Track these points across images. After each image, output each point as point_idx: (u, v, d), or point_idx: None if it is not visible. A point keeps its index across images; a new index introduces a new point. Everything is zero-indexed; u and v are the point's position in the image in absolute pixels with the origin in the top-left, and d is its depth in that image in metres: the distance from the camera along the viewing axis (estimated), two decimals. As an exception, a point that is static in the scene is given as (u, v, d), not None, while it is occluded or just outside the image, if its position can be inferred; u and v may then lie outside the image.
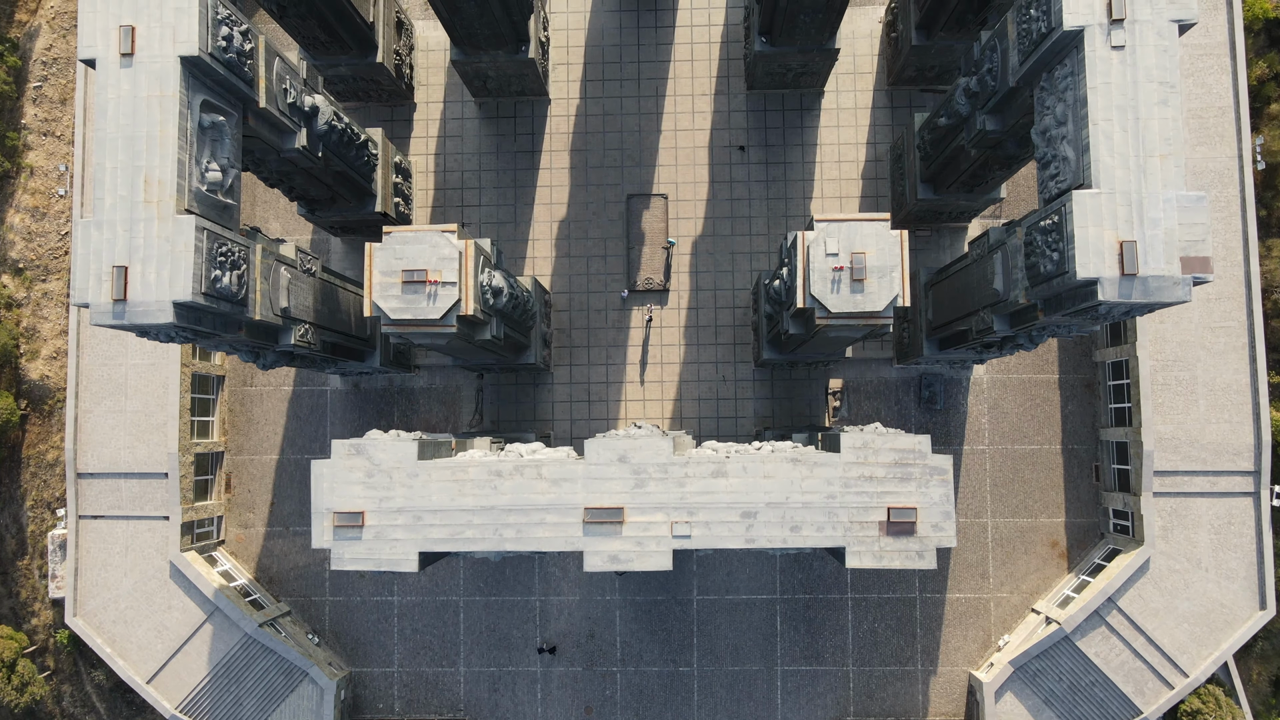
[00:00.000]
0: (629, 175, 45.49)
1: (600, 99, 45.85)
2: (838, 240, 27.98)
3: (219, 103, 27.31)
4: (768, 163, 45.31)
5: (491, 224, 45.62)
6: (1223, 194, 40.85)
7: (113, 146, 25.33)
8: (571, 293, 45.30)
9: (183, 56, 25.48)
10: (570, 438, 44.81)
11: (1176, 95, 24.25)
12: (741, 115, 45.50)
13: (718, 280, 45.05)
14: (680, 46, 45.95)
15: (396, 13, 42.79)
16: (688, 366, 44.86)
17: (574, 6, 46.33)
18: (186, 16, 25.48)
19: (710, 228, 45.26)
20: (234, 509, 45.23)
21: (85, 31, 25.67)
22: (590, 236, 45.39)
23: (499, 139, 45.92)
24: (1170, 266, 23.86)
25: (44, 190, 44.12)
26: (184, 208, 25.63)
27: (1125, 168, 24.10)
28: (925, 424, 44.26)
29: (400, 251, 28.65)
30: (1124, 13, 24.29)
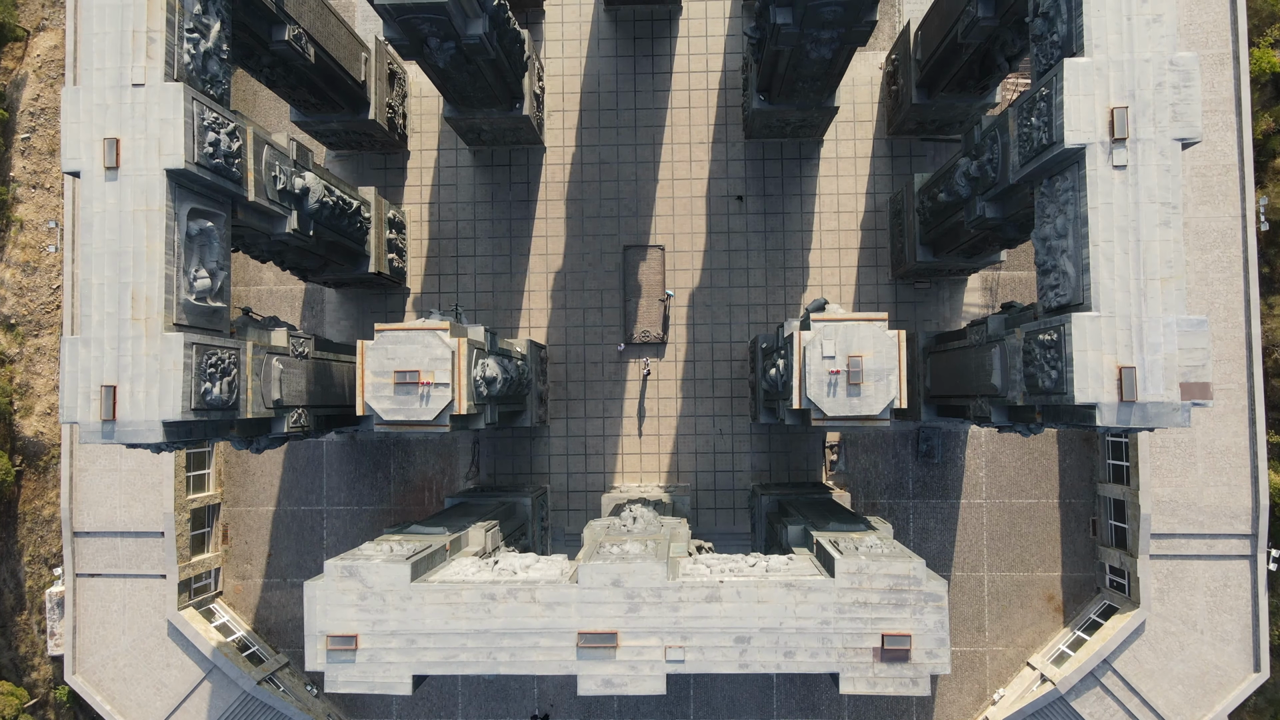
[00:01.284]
0: (625, 225, 45.01)
1: (596, 147, 45.25)
2: (834, 343, 27.69)
3: (207, 207, 26.89)
4: (766, 213, 44.82)
5: (487, 274, 45.22)
6: (1225, 254, 40.42)
7: (99, 262, 24.97)
8: (568, 345, 45.01)
9: (169, 169, 25.02)
10: (567, 491, 44.76)
11: (1178, 216, 23.85)
12: (739, 164, 44.93)
13: (715, 333, 44.74)
14: (678, 94, 45.27)
15: (389, 64, 42.10)
16: (685, 419, 44.68)
17: (569, 52, 45.59)
18: (172, 128, 25.00)
19: (708, 279, 44.85)
20: (231, 560, 45.29)
21: (69, 143, 25.21)
22: (587, 288, 45.00)
23: (494, 187, 45.40)
24: (1170, 393, 23.60)
25: (34, 244, 43.69)
26: (172, 323, 25.31)
27: (1126, 291, 23.75)
28: (922, 477, 44.19)
29: (393, 352, 28.37)
30: (1126, 132, 23.81)
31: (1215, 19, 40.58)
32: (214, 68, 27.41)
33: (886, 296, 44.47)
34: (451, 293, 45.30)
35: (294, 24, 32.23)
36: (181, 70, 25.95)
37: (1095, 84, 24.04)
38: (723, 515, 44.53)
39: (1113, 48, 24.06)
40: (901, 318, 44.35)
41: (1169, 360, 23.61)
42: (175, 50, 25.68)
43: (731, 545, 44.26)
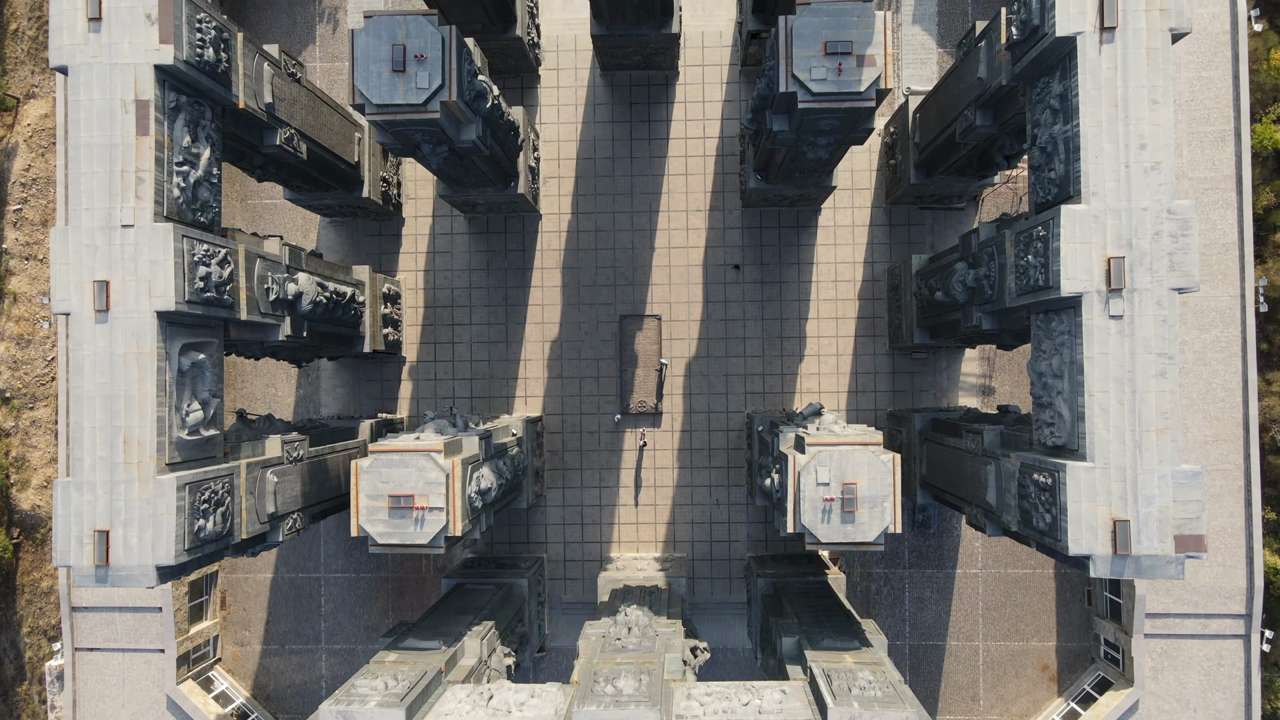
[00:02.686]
0: (622, 294, 44.80)
1: (593, 214, 44.96)
2: (829, 469, 27.63)
3: (199, 338, 26.75)
4: (763, 282, 44.60)
5: (483, 343, 45.08)
6: (1223, 334, 40.26)
7: (90, 405, 24.87)
8: (564, 414, 44.95)
9: (160, 311, 24.86)
10: (564, 560, 44.88)
11: (1175, 366, 23.72)
12: (737, 232, 44.66)
13: (712, 402, 44.66)
14: (674, 160, 44.91)
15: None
16: (681, 489, 44.71)
17: (565, 117, 45.18)
18: (162, 270, 24.82)
19: (704, 349, 44.71)
20: (230, 627, 45.48)
21: (58, 284, 25.03)
22: (583, 357, 44.88)
23: (489, 255, 45.15)
24: (1164, 545, 23.59)
25: (28, 317, 43.51)
26: (165, 464, 25.25)
27: (1121, 443, 23.67)
28: (919, 547, 44.29)
29: (387, 475, 28.32)
30: (1123, 282, 23.64)
31: (1217, 96, 40.18)
32: (204, 194, 27.19)
33: (884, 366, 44.35)
34: (448, 361, 45.20)
35: (286, 126, 31.92)
36: (171, 206, 25.73)
37: (1092, 232, 23.84)
38: (719, 585, 44.67)
39: (1110, 195, 23.83)
40: (899, 388, 44.28)
41: (1163, 513, 23.58)
42: (165, 187, 25.46)
43: (727, 615, 44.50)
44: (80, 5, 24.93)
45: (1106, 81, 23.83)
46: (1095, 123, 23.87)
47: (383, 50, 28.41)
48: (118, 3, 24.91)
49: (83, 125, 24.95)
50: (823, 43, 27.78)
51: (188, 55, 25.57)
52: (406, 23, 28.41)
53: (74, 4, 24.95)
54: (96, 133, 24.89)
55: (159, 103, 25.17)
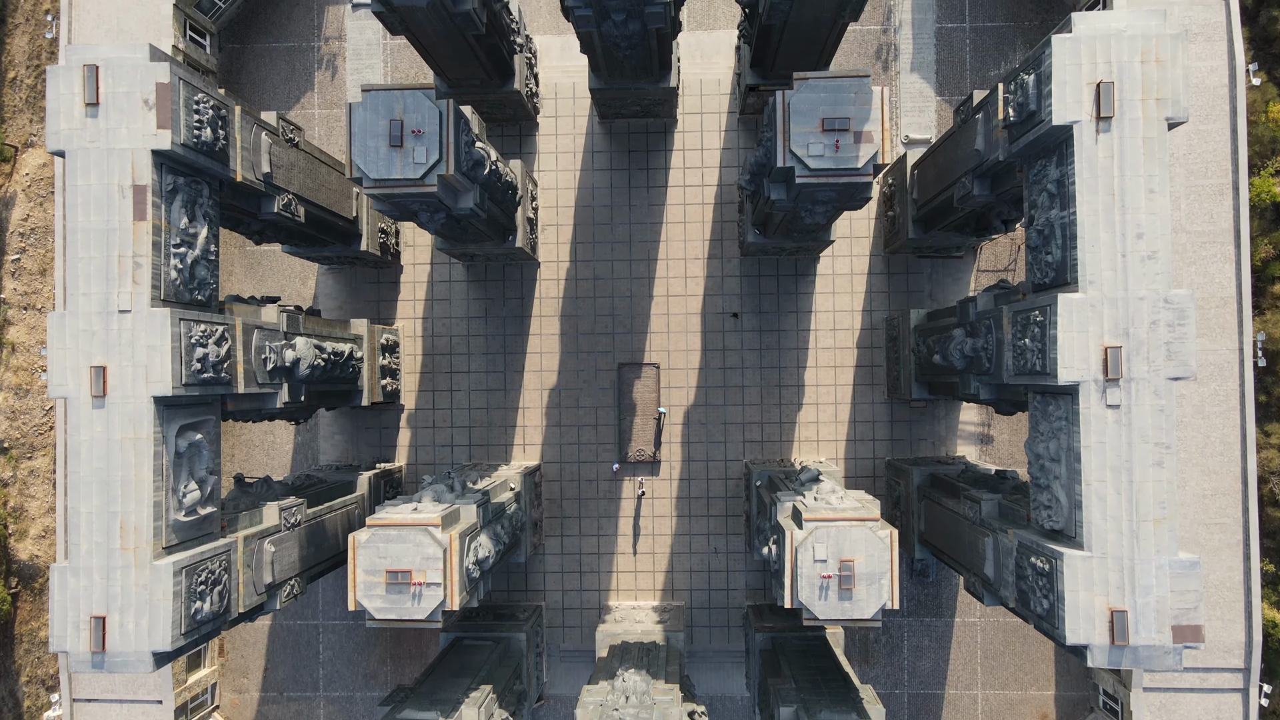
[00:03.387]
0: (620, 342, 44.79)
1: (591, 262, 44.95)
2: (826, 546, 27.61)
3: (196, 418, 26.74)
4: (761, 330, 44.58)
5: (481, 391, 45.05)
6: (1221, 388, 40.24)
7: (87, 490, 24.86)
8: (562, 462, 44.92)
9: (157, 397, 24.86)
10: (562, 608, 44.83)
11: (1172, 456, 23.72)
12: (735, 281, 44.65)
13: (710, 451, 44.64)
14: (673, 208, 44.92)
15: (381, 190, 41.65)
16: (679, 538, 44.67)
17: (564, 165, 45.19)
18: (159, 355, 24.81)
19: (703, 397, 44.70)
20: (228, 674, 45.44)
21: (55, 369, 25.03)
22: (581, 405, 44.86)
23: (487, 303, 45.14)
24: (1162, 636, 23.57)
25: (26, 367, 43.50)
26: (161, 548, 25.23)
27: (1118, 532, 23.66)
28: (917, 595, 44.25)
29: (384, 550, 28.29)
30: (1120, 371, 23.64)
31: (1215, 149, 40.20)
32: (202, 273, 27.19)
33: (882, 415, 44.33)
34: (446, 409, 45.18)
35: (284, 193, 31.94)
36: (169, 288, 25.74)
37: (1089, 321, 23.84)
38: (717, 633, 44.61)
39: (1107, 284, 23.84)
40: (897, 436, 44.26)
41: (1161, 603, 23.56)
42: (162, 270, 25.46)
43: (726, 663, 44.47)
44: (78, 90, 24.94)
45: (1103, 170, 23.84)
46: (1092, 211, 23.88)
47: (380, 125, 28.40)
48: (115, 88, 24.91)
49: (80, 210, 24.95)
50: (820, 119, 27.78)
51: (185, 138, 25.59)
52: (404, 97, 28.41)
53: (71, 89, 24.95)
54: (94, 217, 24.90)
55: (156, 187, 25.18)
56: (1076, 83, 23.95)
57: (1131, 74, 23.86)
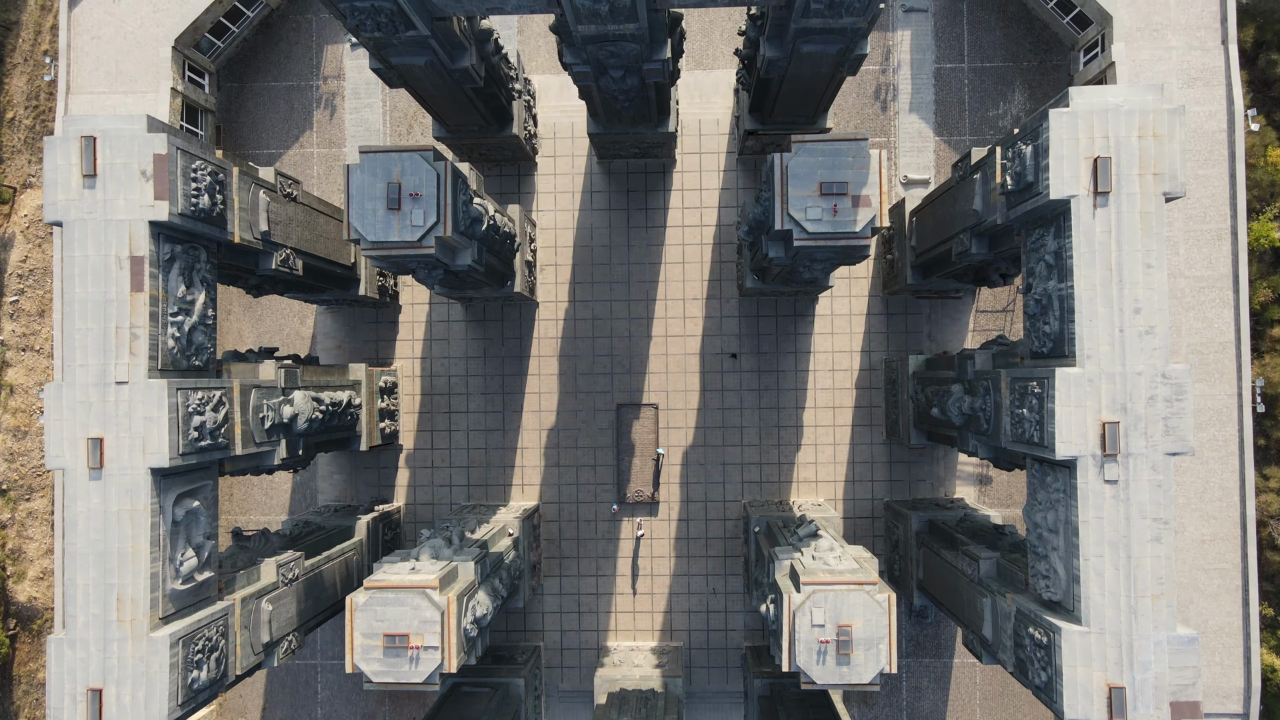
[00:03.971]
0: (619, 383, 44.77)
1: (590, 302, 44.94)
2: (824, 611, 27.57)
3: (193, 484, 26.73)
4: (760, 370, 44.56)
5: (479, 431, 45.03)
6: (1220, 433, 40.22)
7: (84, 562, 24.84)
8: (561, 503, 44.89)
9: (153, 468, 24.84)
10: (561, 649, 44.79)
11: (1170, 531, 23.70)
12: (734, 321, 44.62)
13: (709, 491, 44.60)
14: (671, 248, 44.91)
15: (379, 233, 41.63)
16: (678, 578, 44.63)
17: (562, 205, 45.19)
18: (156, 427, 24.79)
19: (701, 437, 44.67)
20: (225, 713, 45.38)
21: (52, 441, 25.01)
22: (580, 446, 44.83)
23: (486, 343, 45.12)
24: (1160, 713, 23.54)
25: (25, 409, 43.48)
26: (158, 619, 25.20)
27: (1116, 608, 23.64)
28: (916, 636, 44.20)
29: (381, 614, 28.25)
30: (1118, 447, 23.62)
31: (1214, 194, 40.20)
32: (199, 338, 27.18)
33: (881, 456, 44.31)
34: (445, 449, 45.15)
35: (282, 248, 31.93)
36: (166, 357, 25.72)
37: (1087, 395, 23.82)
38: (715, 674, 44.56)
39: (1105, 359, 23.82)
40: (896, 477, 44.24)
41: (1159, 679, 23.54)
42: (159, 340, 25.45)
43: (724, 704, 44.42)
44: (75, 161, 24.95)
45: (1101, 245, 23.83)
46: (1090, 286, 23.87)
47: (378, 188, 28.39)
48: (113, 159, 24.92)
49: (77, 281, 24.95)
50: (818, 183, 27.78)
51: (183, 208, 25.60)
52: (401, 160, 28.40)
53: (69, 160, 24.96)
54: (91, 288, 24.89)
55: (153, 257, 25.17)
56: (1074, 157, 23.94)
57: (1129, 149, 23.85)
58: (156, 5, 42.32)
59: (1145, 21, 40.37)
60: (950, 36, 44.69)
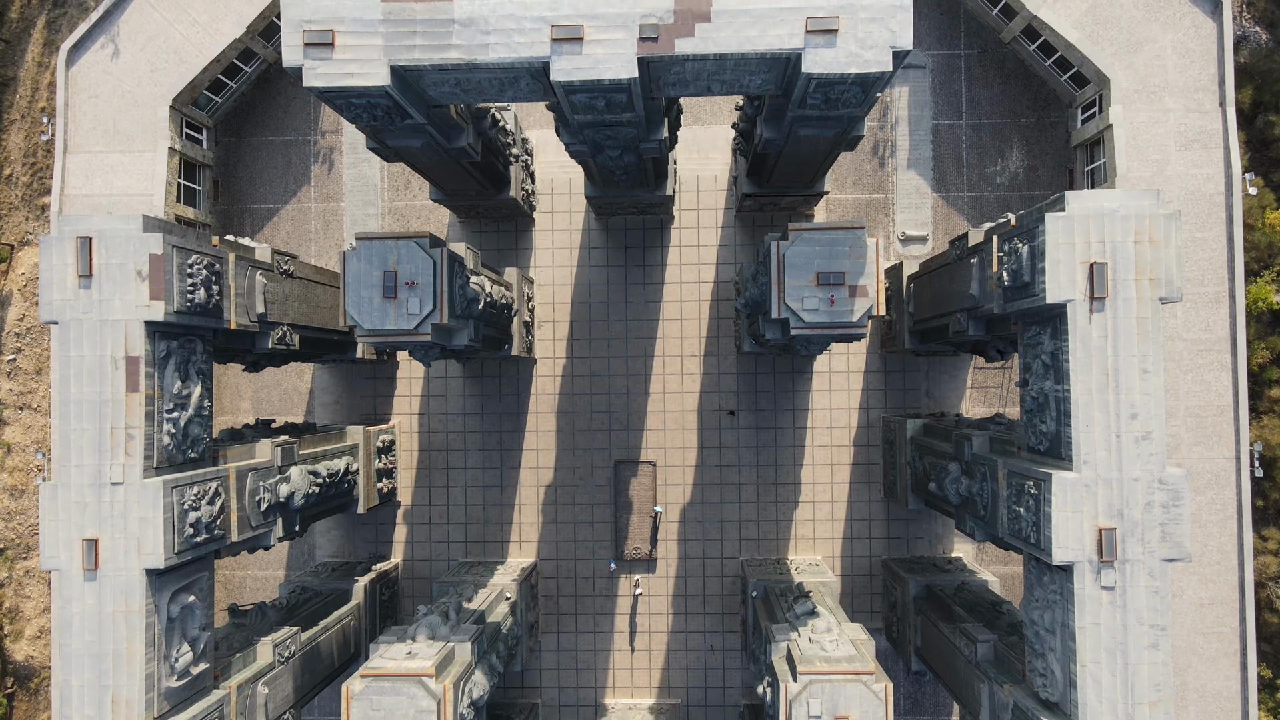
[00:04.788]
0: (617, 439, 44.74)
1: (587, 359, 44.92)
2: (821, 702, 27.53)
3: (189, 578, 26.68)
4: (758, 428, 44.53)
5: (477, 487, 45.00)
6: (1218, 496, 40.17)
7: (79, 664, 24.80)
8: (559, 559, 44.86)
9: (149, 569, 24.80)
10: (558, 705, 44.75)
11: (1167, 638, 23.66)
12: (731, 378, 44.60)
13: (706, 549, 44.57)
14: (669, 304, 44.89)
15: (377, 294, 41.61)
16: (675, 635, 44.58)
17: (560, 261, 45.18)
18: (152, 527, 24.77)
19: (699, 494, 44.63)
20: (223, 769, 45.23)
21: (47, 541, 24.99)
22: (578, 503, 44.79)
23: (484, 399, 45.10)
24: (1156, 820, 23.46)
25: (22, 467, 43.45)
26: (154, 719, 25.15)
27: (1114, 714, 23.57)
28: (914, 694, 44.14)
29: (378, 703, 28.21)
30: (1115, 553, 23.58)
31: (1211, 257, 40.19)
32: (195, 430, 27.16)
33: (879, 513, 44.27)
34: (442, 505, 45.12)
35: (279, 326, 31.91)
36: (162, 455, 25.69)
37: (1084, 501, 23.79)
38: (714, 731, 44.52)
39: (1101, 464, 23.78)
40: (894, 534, 44.20)
41: (1155, 787, 23.47)
42: (155, 438, 25.41)
43: (723, 762, 44.34)
44: (71, 261, 24.94)
45: (1097, 351, 23.82)
46: (1086, 390, 23.84)
47: (374, 276, 28.38)
48: (108, 259, 24.91)
49: (72, 381, 24.93)
50: (815, 273, 27.78)
51: (179, 305, 25.59)
52: (398, 248, 28.39)
53: (65, 260, 24.95)
54: (86, 389, 24.86)
55: (149, 356, 25.15)
56: (1070, 261, 23.93)
57: (1125, 254, 23.85)
58: (154, 64, 42.30)
59: (1143, 84, 40.36)
60: (948, 93, 44.70)
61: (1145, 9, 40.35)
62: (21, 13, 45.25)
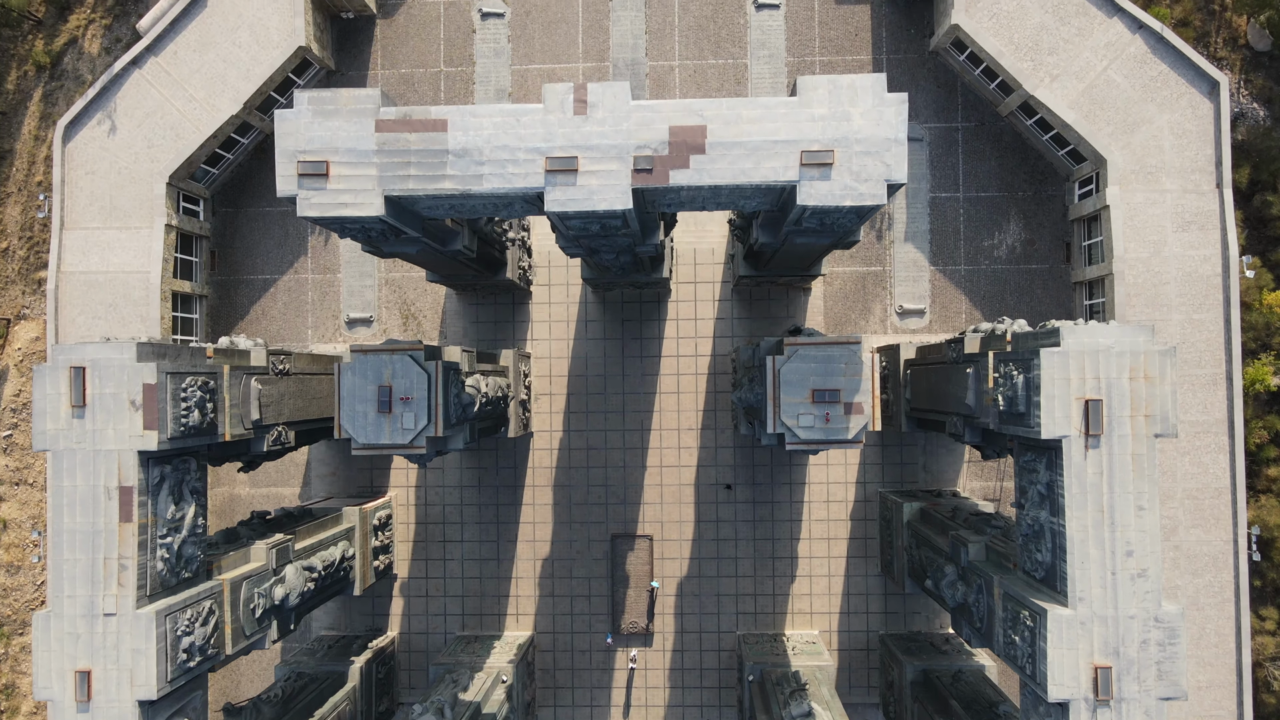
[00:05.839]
0: (613, 513, 44.69)
1: (584, 432, 44.87)
2: (817, 822, 27.43)
3: (182, 701, 26.61)
4: (755, 502, 44.47)
5: (474, 560, 44.94)
6: (1216, 579, 40.10)
7: (71, 796, 24.69)
8: (555, 633, 44.77)
9: (141, 700, 24.73)
10: (555, 780, 44.66)
11: (1163, 776, 23.57)
12: (728, 452, 44.54)
13: (703, 622, 44.49)
14: (666, 378, 44.85)
15: (373, 372, 41.60)
16: (672, 710, 44.50)
17: (557, 334, 45.14)
18: (144, 658, 24.71)
19: (696, 568, 44.57)
20: (219, 842, 45.20)
21: (40, 672, 24.92)
22: (574, 576, 44.73)
23: (481, 471, 45.03)
24: None
25: (18, 544, 43.40)
26: None
27: None
28: (911, 768, 43.94)
29: (371, 820, 28.10)
30: (1110, 692, 23.52)
31: (1209, 339, 40.13)
32: (189, 551, 27.10)
33: (876, 587, 44.19)
34: (439, 578, 45.06)
35: (274, 428, 31.87)
36: (155, 581, 25.63)
37: (1079, 639, 23.72)
38: (711, 806, 44.42)
39: (1097, 602, 23.73)
40: (891, 609, 44.13)
41: None
42: (148, 566, 25.36)
43: (720, 837, 44.24)
44: (64, 391, 24.89)
45: (1093, 487, 23.76)
46: (1081, 527, 23.79)
47: (369, 390, 28.35)
48: (101, 389, 24.86)
49: (65, 511, 24.88)
50: (810, 390, 27.73)
51: (172, 432, 25.53)
52: (392, 362, 28.36)
53: (58, 389, 24.90)
54: (79, 519, 24.82)
55: (142, 485, 25.11)
56: (1065, 397, 23.88)
57: (1120, 390, 23.80)
58: (151, 140, 42.31)
59: (1140, 164, 40.36)
60: (945, 165, 44.70)
61: (1142, 89, 40.34)
62: (18, 85, 45.27)
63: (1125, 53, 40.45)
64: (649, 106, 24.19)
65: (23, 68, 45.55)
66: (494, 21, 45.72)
